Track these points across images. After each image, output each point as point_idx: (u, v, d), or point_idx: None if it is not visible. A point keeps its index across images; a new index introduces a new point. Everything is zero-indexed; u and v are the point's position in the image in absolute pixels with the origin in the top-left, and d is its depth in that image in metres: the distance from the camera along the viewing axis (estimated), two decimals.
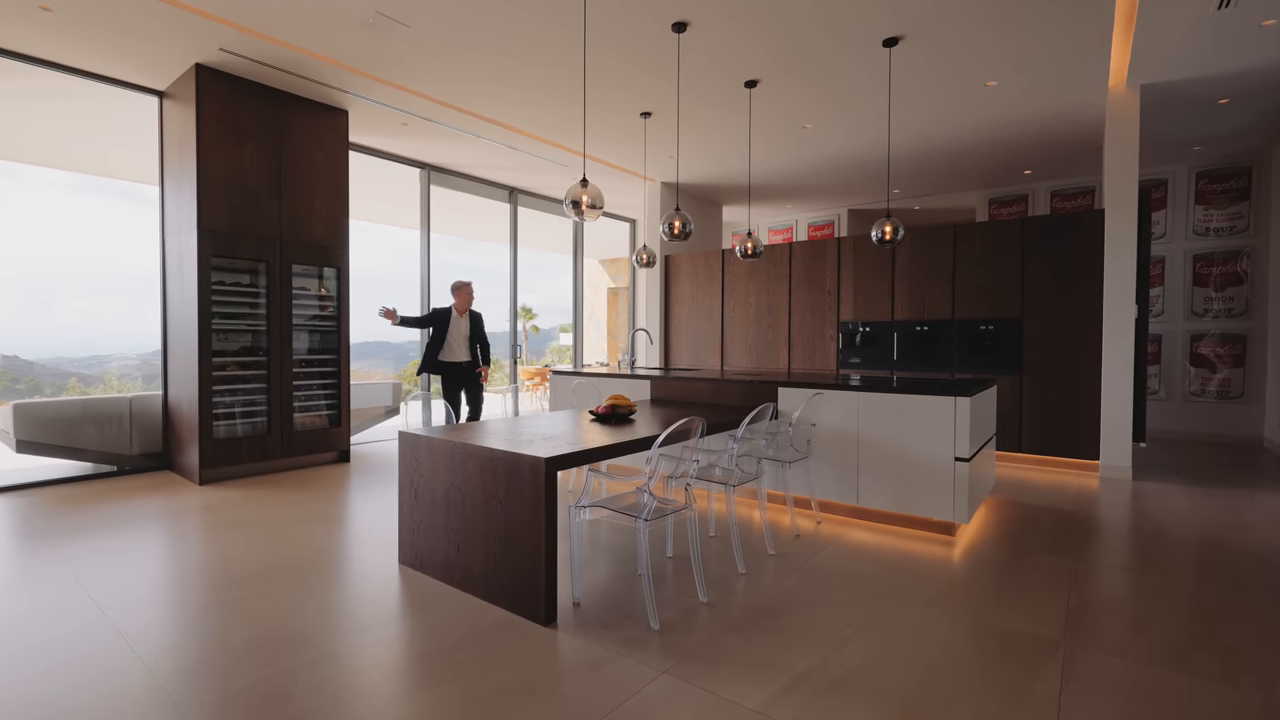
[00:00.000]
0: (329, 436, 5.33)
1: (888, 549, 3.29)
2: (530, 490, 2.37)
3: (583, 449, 2.48)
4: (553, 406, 5.26)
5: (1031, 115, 5.43)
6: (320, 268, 5.31)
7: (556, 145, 6.38)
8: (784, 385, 3.97)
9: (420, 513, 2.85)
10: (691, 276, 7.62)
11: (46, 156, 6.59)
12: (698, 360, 7.54)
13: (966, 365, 5.72)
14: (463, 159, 6.81)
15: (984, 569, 2.99)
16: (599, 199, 3.19)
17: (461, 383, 5.57)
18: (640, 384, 4.75)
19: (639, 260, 5.48)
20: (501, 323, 8.33)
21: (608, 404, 3.42)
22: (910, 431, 3.51)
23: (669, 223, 3.93)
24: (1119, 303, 4.91)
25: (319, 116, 5.23)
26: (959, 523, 3.40)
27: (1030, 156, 6.67)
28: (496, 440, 2.68)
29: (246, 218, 4.79)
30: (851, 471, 3.72)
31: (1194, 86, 4.80)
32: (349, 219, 5.47)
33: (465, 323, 5.62)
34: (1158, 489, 4.58)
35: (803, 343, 6.72)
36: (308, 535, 3.43)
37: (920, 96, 5.02)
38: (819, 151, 6.50)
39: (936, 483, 3.44)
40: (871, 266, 6.28)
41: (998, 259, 5.59)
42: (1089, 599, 2.64)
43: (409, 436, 2.90)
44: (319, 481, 4.72)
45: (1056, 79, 4.70)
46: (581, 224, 9.13)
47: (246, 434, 4.84)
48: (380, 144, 6.30)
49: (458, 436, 2.76)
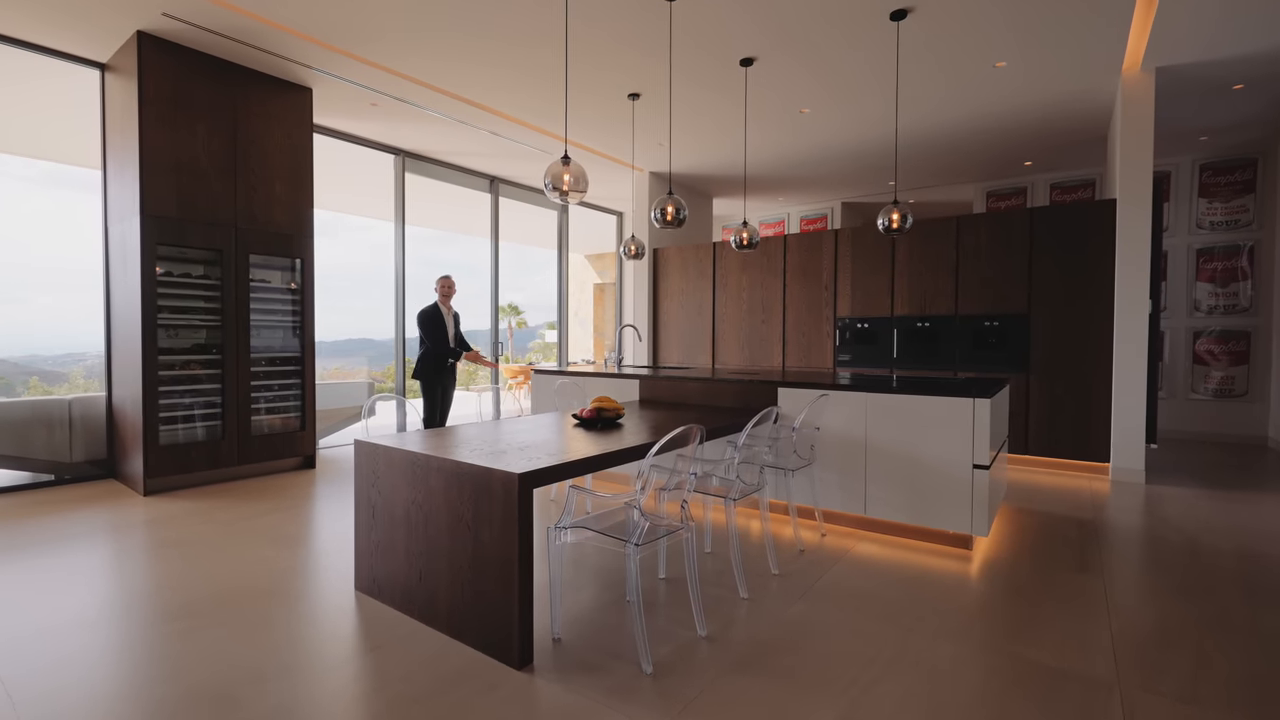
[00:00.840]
0: (292, 441, 4.93)
1: (900, 565, 2.99)
2: (502, 510, 2.03)
3: (563, 461, 2.15)
4: (534, 408, 4.91)
5: (1039, 100, 5.17)
6: (282, 258, 4.91)
7: (540, 130, 6.01)
8: (785, 386, 3.66)
9: (378, 533, 2.50)
10: (681, 270, 7.29)
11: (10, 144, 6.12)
12: (688, 358, 7.23)
13: (970, 363, 5.46)
14: (440, 145, 6.42)
15: (1011, 590, 2.70)
16: (582, 179, 2.85)
17: (447, 384, 5.28)
18: (628, 384, 4.41)
19: (627, 251, 5.14)
20: (483, 320, 7.96)
21: (593, 407, 3.09)
22: (924, 436, 3.22)
23: (660, 208, 3.60)
24: (1132, 297, 4.67)
25: (279, 94, 4.82)
26: (977, 536, 3.12)
27: (1033, 146, 6.43)
28: (465, 451, 2.33)
29: (197, 203, 4.38)
30: (858, 479, 3.42)
31: (1210, 70, 4.56)
32: (314, 207, 5.07)
33: (452, 318, 5.34)
34: (1175, 494, 4.34)
35: (798, 339, 6.43)
36: (256, 556, 3.06)
37: (926, 78, 4.73)
38: (815, 139, 6.20)
39: (953, 492, 3.14)
40: (870, 260, 5.99)
41: (1003, 252, 5.32)
42: (1135, 628, 2.35)
43: (366, 447, 2.54)
44: (278, 491, 4.33)
45: (1071, 59, 4.43)
46: (564, 215, 8.77)
47: (197, 439, 4.44)
48: (350, 127, 5.89)
49: (420, 446, 2.41)
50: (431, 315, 5.19)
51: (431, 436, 2.67)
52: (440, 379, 5.21)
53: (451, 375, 5.31)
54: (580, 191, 2.85)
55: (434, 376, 5.19)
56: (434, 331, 5.15)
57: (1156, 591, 2.69)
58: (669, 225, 3.61)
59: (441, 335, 5.16)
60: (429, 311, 5.20)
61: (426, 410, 5.25)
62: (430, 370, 5.18)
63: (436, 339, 5.14)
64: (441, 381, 5.21)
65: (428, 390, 5.21)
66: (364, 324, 25.63)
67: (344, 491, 4.35)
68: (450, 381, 5.30)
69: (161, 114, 4.20)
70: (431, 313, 5.20)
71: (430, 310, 5.21)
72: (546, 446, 2.45)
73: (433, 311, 5.20)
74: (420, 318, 5.19)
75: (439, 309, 5.21)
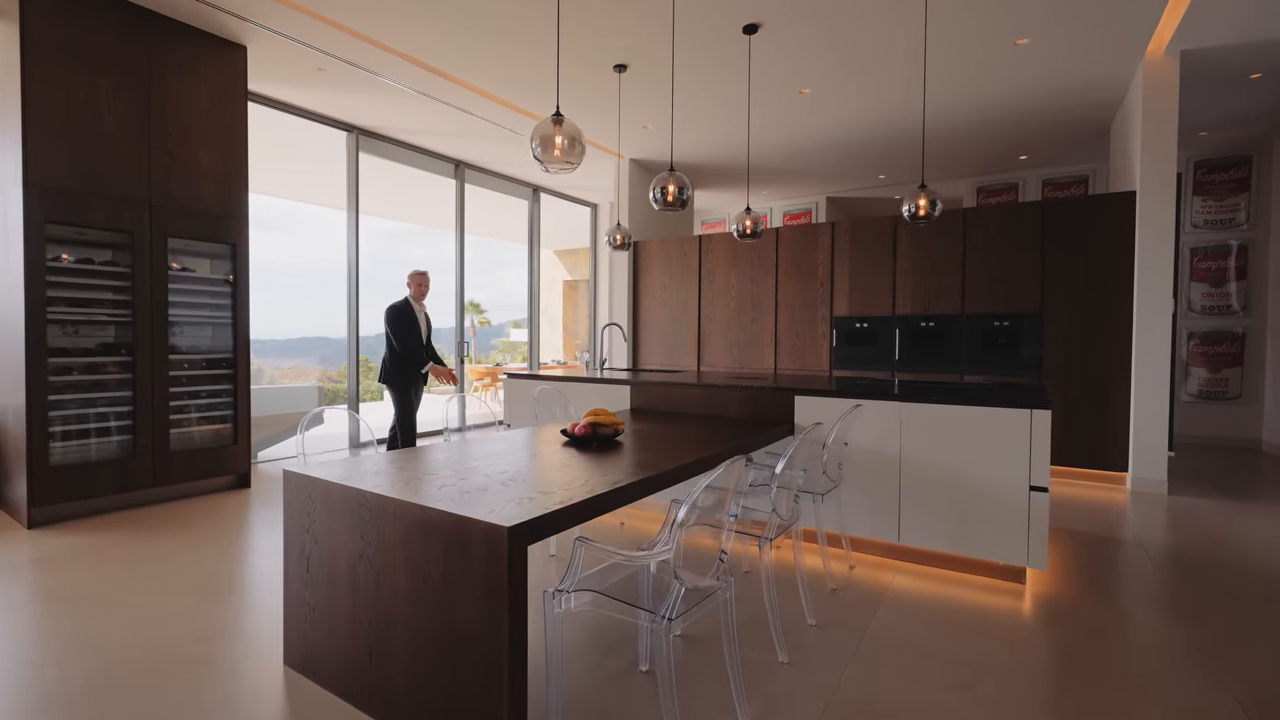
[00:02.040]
0: (222, 456, 4.22)
1: (948, 606, 2.55)
2: (485, 573, 1.48)
3: (566, 504, 1.61)
4: (508, 416, 4.33)
5: (1052, 86, 4.85)
6: (210, 243, 4.20)
7: (512, 107, 5.42)
8: (804, 394, 3.19)
9: (315, 594, 1.91)
10: (664, 265, 6.79)
11: None
12: (670, 359, 6.73)
13: (978, 366, 5.12)
14: (399, 121, 5.75)
15: (1089, 640, 2.28)
16: (578, 144, 2.31)
17: (418, 389, 4.67)
18: (617, 391, 3.88)
19: (612, 241, 4.61)
20: (447, 317, 7.31)
21: (587, 422, 2.55)
22: (971, 452, 2.78)
23: (660, 187, 3.08)
24: (1154, 295, 4.38)
25: (205, 49, 4.11)
26: (1034, 569, 2.70)
27: (1033, 139, 6.16)
28: (432, 486, 1.77)
29: (100, 172, 3.65)
30: (890, 503, 2.98)
31: (1233, 56, 4.30)
32: (248, 185, 4.37)
33: (424, 317, 4.70)
34: (1208, 507, 4.05)
35: (791, 340, 6.00)
36: (163, 611, 2.42)
37: (943, 54, 4.33)
38: (810, 124, 5.78)
39: (1005, 518, 2.72)
40: (870, 255, 5.60)
41: (1013, 247, 4.99)
42: (1270, 694, 1.95)
43: (298, 480, 1.94)
44: (202, 519, 3.64)
45: (1097, 38, 4.10)
46: (536, 205, 8.16)
47: (101, 457, 3.71)
48: (294, 96, 5.18)
49: (372, 480, 1.83)
50: (403, 311, 4.52)
51: (388, 464, 2.09)
52: (413, 385, 4.59)
53: (424, 381, 4.70)
54: (572, 160, 2.31)
55: (404, 382, 4.54)
56: (404, 331, 4.48)
57: (1263, 638, 2.31)
58: (670, 207, 3.09)
59: (414, 336, 4.52)
60: (400, 307, 4.54)
61: (398, 420, 4.58)
62: (399, 375, 4.53)
63: (408, 342, 4.49)
64: (415, 388, 4.61)
65: (400, 398, 4.55)
66: (321, 322, 24.44)
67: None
68: (420, 387, 4.69)
69: (53, 64, 3.46)
70: (403, 308, 4.53)
71: (401, 306, 4.55)
72: (537, 478, 1.90)
73: (404, 307, 4.54)
74: (389, 314, 4.53)
75: (410, 306, 4.57)
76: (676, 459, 2.18)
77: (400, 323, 4.49)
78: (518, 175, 7.68)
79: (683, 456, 2.22)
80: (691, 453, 2.30)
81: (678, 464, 2.10)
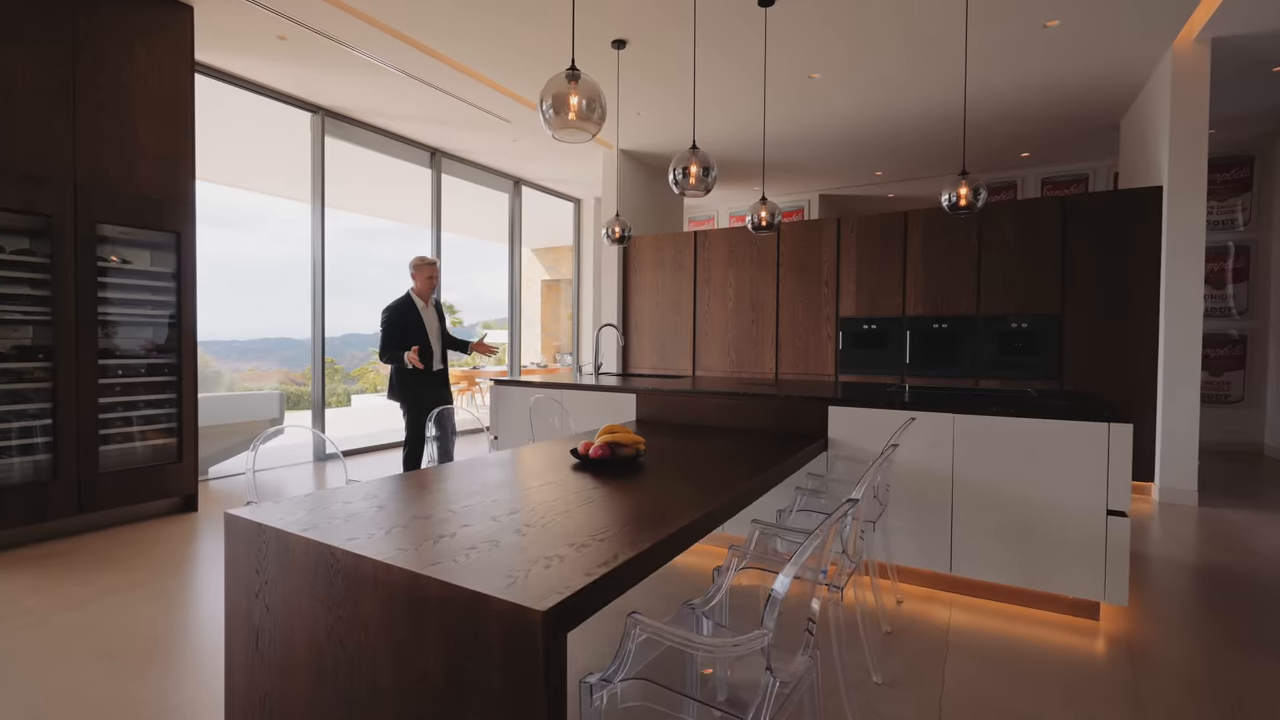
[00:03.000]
0: (163, 475, 3.68)
1: (1021, 650, 2.20)
2: (507, 673, 1.05)
3: (611, 567, 1.19)
4: (496, 429, 3.88)
5: (1076, 73, 4.60)
6: (150, 231, 3.65)
7: (497, 88, 4.96)
8: (839, 404, 2.83)
9: (266, 678, 1.45)
10: (656, 263, 6.40)
11: None
12: (664, 363, 6.34)
13: (994, 370, 4.85)
14: (369, 101, 5.24)
15: (1208, 692, 1.95)
16: (597, 104, 1.89)
17: (434, 402, 3.88)
18: (621, 399, 3.47)
19: (611, 234, 4.20)
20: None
21: (603, 441, 2.13)
22: (1037, 471, 2.45)
23: (681, 167, 2.68)
24: (1183, 295, 4.16)
25: (144, 8, 3.57)
26: (1113, 604, 2.37)
27: (1040, 134, 5.95)
28: (424, 538, 1.34)
29: (10, 143, 3.09)
30: (940, 528, 2.63)
31: (1261, 45, 4.11)
32: (195, 166, 3.83)
33: (434, 314, 4.03)
34: (1254, 520, 3.82)
35: (793, 342, 5.67)
36: (71, 687, 1.92)
37: (972, 35, 4.04)
38: (816, 114, 5.46)
39: (1078, 546, 2.39)
40: (878, 253, 5.30)
41: (1033, 244, 4.73)
42: None
43: (244, 527, 1.48)
44: (137, 553, 3.11)
45: (1129, 20, 3.85)
46: (517, 199, 7.69)
47: (12, 480, 3.15)
48: (251, 70, 4.64)
49: (338, 532, 1.39)
50: (399, 311, 3.86)
51: (365, 501, 1.64)
52: (424, 395, 3.87)
53: (440, 397, 3.96)
54: (589, 125, 1.90)
55: (412, 397, 3.86)
56: (398, 334, 3.81)
57: None
58: (693, 191, 2.70)
59: (414, 340, 3.81)
60: (397, 306, 3.89)
61: (409, 440, 3.92)
62: (407, 386, 3.86)
63: (394, 347, 3.79)
64: (428, 399, 3.87)
65: (411, 414, 3.87)
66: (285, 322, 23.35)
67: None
68: (438, 398, 3.94)
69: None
70: (401, 307, 3.88)
71: (400, 304, 3.89)
72: (559, 522, 1.48)
73: (403, 305, 3.89)
74: (383, 316, 3.87)
75: (412, 303, 3.91)
76: (722, 487, 1.78)
77: (394, 326, 3.82)
78: (499, 167, 7.21)
79: (727, 483, 1.83)
80: (734, 478, 1.90)
81: (728, 495, 1.71)
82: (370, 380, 18.63)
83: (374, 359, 18.86)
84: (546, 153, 6.62)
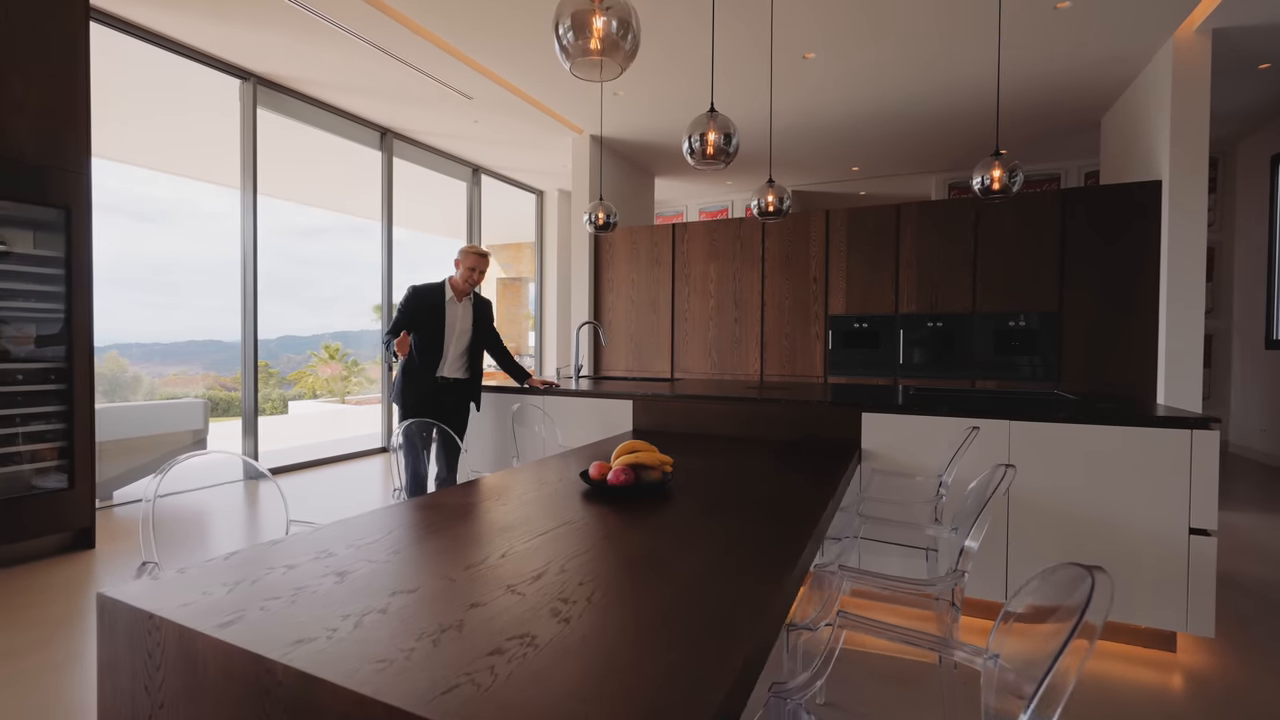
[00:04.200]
0: (49, 505, 3.00)
1: (1087, 685, 1.89)
2: None
3: (721, 702, 0.76)
4: (466, 443, 3.36)
5: (1072, 63, 4.44)
6: (29, 205, 2.97)
7: (462, 59, 4.42)
8: (874, 410, 2.48)
9: None
10: (630, 257, 5.97)
11: None
12: (639, 365, 5.92)
13: (991, 371, 4.65)
14: (309, 68, 4.61)
15: None
16: (630, 25, 1.46)
17: (442, 418, 2.99)
18: (614, 406, 3.03)
19: (594, 220, 3.76)
20: (368, 319, 6.18)
21: (625, 463, 1.69)
22: (1105, 486, 2.16)
23: (699, 134, 2.26)
24: (1184, 292, 4.04)
25: None
26: (1196, 634, 2.10)
27: (1023, 129, 5.84)
28: (409, 628, 0.87)
29: None
30: (995, 551, 2.31)
31: (1255, 40, 4.05)
32: (89, 131, 3.16)
33: (467, 314, 3.16)
34: (1268, 526, 3.71)
35: (780, 343, 5.35)
36: None
37: (977, 14, 3.80)
38: (804, 99, 5.16)
39: (1152, 569, 2.11)
40: (869, 249, 5.04)
41: (1031, 240, 4.57)
42: None
43: (127, 617, 0.97)
44: (6, 609, 2.45)
45: (1137, 5, 3.69)
46: (475, 188, 7.12)
47: None
48: (166, 24, 3.95)
49: (286, 622, 0.90)
50: (421, 295, 3.03)
51: (318, 565, 1.14)
52: (419, 405, 3.02)
53: (452, 415, 3.12)
54: (621, 54, 1.46)
55: (409, 402, 3.04)
56: (404, 318, 3.01)
57: None
58: (711, 163, 2.28)
59: (427, 335, 3.02)
60: (421, 288, 3.08)
61: (407, 468, 2.96)
62: (411, 395, 3.04)
63: (408, 338, 2.93)
64: (424, 412, 3.01)
65: (411, 449, 2.94)
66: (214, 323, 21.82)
67: None
68: (458, 427, 3.12)
69: None
70: (424, 291, 3.05)
71: (424, 288, 3.07)
72: (604, 595, 1.03)
73: (427, 290, 3.06)
74: (405, 297, 3.07)
75: (440, 291, 3.08)
76: (788, 525, 1.38)
77: (407, 308, 3.00)
78: (456, 152, 6.62)
79: (790, 518, 1.42)
80: (793, 510, 1.50)
81: (807, 540, 1.30)
82: (309, 385, 17.44)
83: (312, 362, 17.65)
84: (510, 138, 6.10)
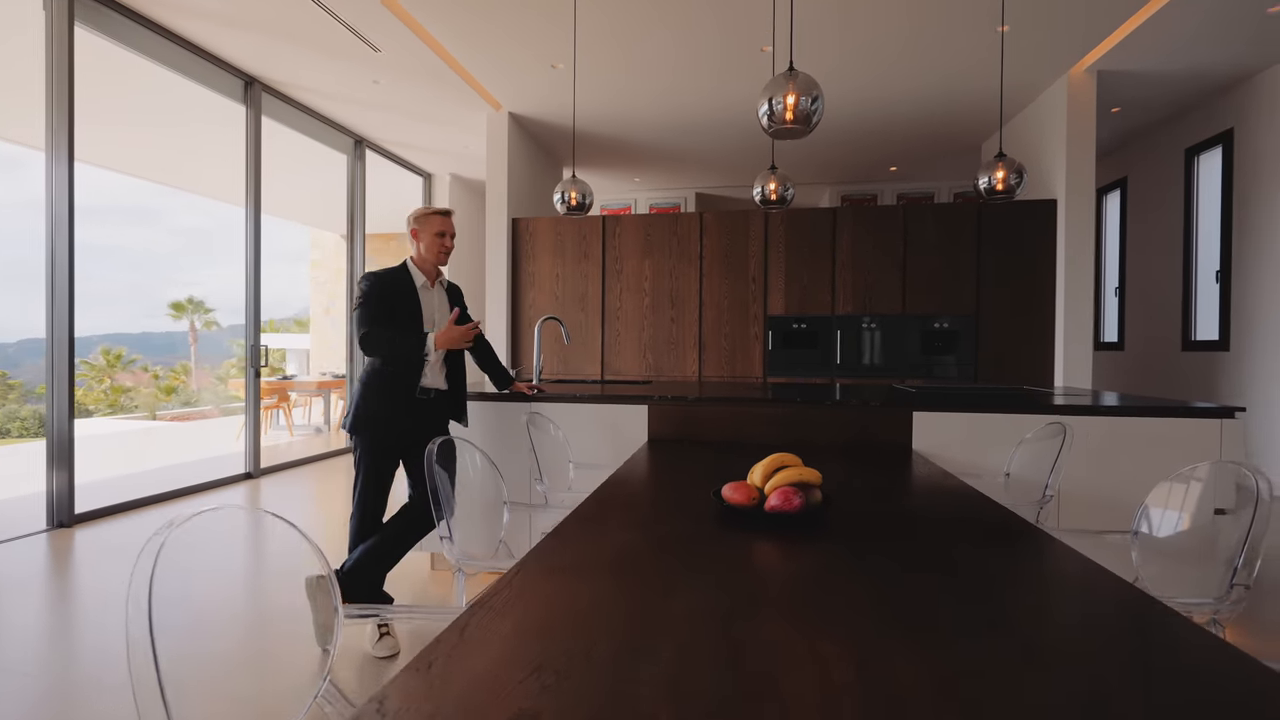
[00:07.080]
0: None
1: None
2: None
3: None
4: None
5: (969, 89, 4.83)
6: None
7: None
8: (927, 409, 2.36)
9: None
10: (555, 250, 5.47)
11: None
12: (566, 367, 5.44)
13: (919, 370, 4.92)
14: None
15: None
16: None
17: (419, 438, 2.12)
18: (626, 412, 2.61)
19: (566, 200, 3.27)
20: (159, 319, 5.01)
21: (786, 484, 1.33)
22: (1140, 477, 2.23)
23: (778, 95, 1.95)
24: (1077, 302, 4.58)
25: None
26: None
27: (917, 147, 6.30)
28: None
29: None
30: None
31: (1120, 84, 4.71)
32: None
33: (442, 300, 2.43)
34: None
35: (718, 342, 5.20)
36: None
37: (926, 30, 3.94)
38: (738, 95, 5.06)
39: (1183, 558, 2.22)
40: (808, 248, 5.09)
41: (952, 245, 4.90)
42: None
43: None
44: None
45: (1060, 37, 4.07)
46: (358, 162, 6.12)
47: None
48: None
49: None
50: (383, 280, 2.26)
51: None
52: (400, 428, 2.25)
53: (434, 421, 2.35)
54: None
55: (383, 423, 2.23)
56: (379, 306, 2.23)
57: None
58: (792, 129, 1.98)
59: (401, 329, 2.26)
60: (379, 273, 2.29)
61: (361, 499, 2.24)
62: (382, 414, 2.23)
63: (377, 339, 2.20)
64: (407, 436, 2.26)
65: (370, 456, 2.23)
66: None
67: None
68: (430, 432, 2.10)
69: None
70: (385, 277, 2.28)
71: (384, 273, 2.29)
72: None
73: (388, 275, 2.29)
74: (360, 285, 2.26)
75: (406, 275, 2.32)
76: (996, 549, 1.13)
77: (371, 296, 2.22)
78: (339, 118, 5.60)
79: (978, 538, 1.18)
80: (974, 525, 1.27)
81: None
82: (96, 399, 14.14)
83: (82, 370, 14.32)
84: (412, 106, 5.27)
